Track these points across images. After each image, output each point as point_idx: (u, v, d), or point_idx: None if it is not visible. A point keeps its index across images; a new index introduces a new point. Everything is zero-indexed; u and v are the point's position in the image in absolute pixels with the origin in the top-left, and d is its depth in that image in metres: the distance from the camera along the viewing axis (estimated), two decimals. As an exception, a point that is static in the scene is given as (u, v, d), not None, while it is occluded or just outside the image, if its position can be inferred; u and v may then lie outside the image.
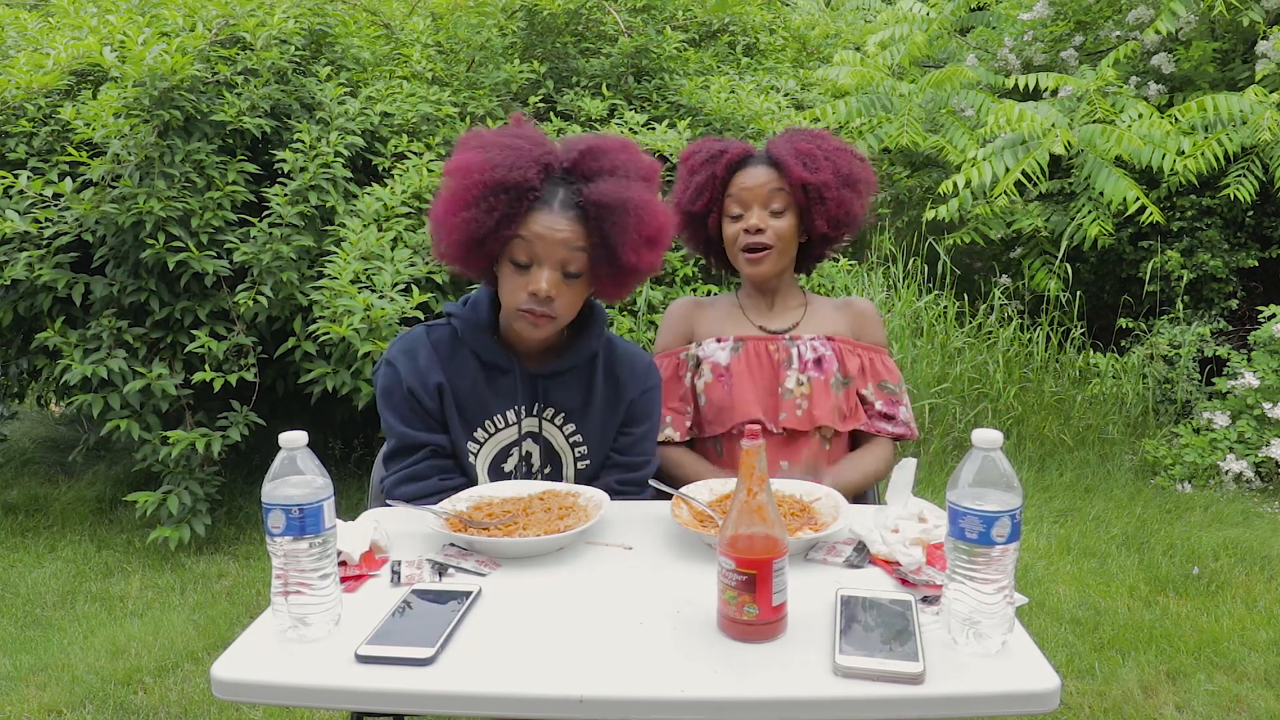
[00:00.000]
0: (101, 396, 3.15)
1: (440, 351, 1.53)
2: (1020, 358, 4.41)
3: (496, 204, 1.41)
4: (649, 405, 1.61)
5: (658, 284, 3.81)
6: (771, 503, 1.06)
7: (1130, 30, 4.88)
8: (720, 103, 4.12)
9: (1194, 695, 2.36)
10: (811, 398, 1.75)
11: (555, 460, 1.57)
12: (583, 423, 1.56)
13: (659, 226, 1.46)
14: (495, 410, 1.53)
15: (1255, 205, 4.43)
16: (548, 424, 1.55)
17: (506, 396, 1.53)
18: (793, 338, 1.79)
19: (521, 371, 1.52)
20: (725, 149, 1.76)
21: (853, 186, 1.75)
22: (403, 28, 4.23)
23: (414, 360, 1.51)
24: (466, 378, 1.52)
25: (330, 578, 1.08)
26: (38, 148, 3.50)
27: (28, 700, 2.39)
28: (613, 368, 1.59)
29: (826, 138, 1.79)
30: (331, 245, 3.24)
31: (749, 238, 1.74)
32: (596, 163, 1.46)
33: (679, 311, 1.88)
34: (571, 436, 1.57)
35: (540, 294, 1.42)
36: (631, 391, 1.58)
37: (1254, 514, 3.56)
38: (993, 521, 0.98)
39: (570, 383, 1.55)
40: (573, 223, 1.43)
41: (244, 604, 2.91)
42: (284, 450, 1.07)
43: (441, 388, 1.50)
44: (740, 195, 1.75)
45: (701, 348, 1.81)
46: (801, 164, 1.71)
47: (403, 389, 1.50)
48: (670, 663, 1.01)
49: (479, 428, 1.53)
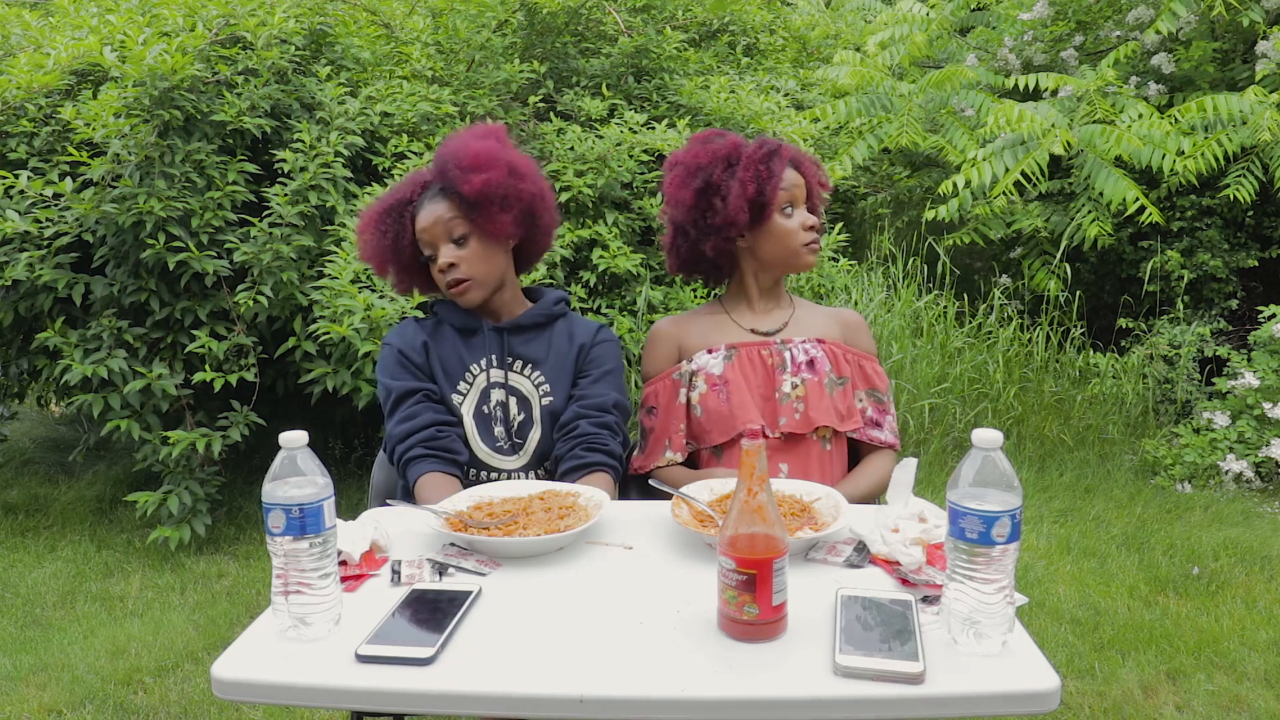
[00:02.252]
0: (101, 396, 3.15)
1: (424, 325, 1.79)
2: (1020, 358, 4.41)
3: (386, 227, 1.71)
4: (605, 353, 1.79)
5: (658, 284, 3.81)
6: (772, 503, 1.06)
7: (1130, 30, 4.88)
8: (720, 103, 4.12)
9: (1194, 695, 2.36)
10: (807, 399, 1.74)
11: (525, 404, 1.74)
12: (544, 368, 1.76)
13: (474, 153, 1.67)
14: (471, 362, 1.74)
15: (1255, 205, 4.43)
16: (515, 374, 1.75)
17: (479, 350, 1.75)
18: (784, 341, 1.79)
19: (489, 328, 1.75)
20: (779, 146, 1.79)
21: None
22: (403, 27, 4.23)
23: (403, 332, 1.77)
24: (447, 343, 1.76)
25: (330, 577, 1.08)
26: (38, 148, 3.50)
27: (28, 700, 2.39)
28: (570, 327, 1.82)
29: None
30: (331, 245, 3.24)
31: (810, 234, 1.78)
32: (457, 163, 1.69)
33: (662, 333, 1.87)
34: (537, 381, 1.75)
35: (443, 267, 1.69)
36: (583, 338, 1.79)
37: (1254, 514, 3.56)
38: (993, 521, 0.98)
39: (533, 337, 1.77)
40: (440, 201, 1.69)
41: (244, 604, 2.91)
42: (284, 450, 1.07)
43: (427, 345, 1.75)
44: (792, 192, 1.77)
45: (693, 361, 1.80)
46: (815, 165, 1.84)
47: (394, 351, 1.74)
48: (670, 663, 1.01)
49: (461, 380, 1.73)
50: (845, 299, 4.38)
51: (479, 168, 1.67)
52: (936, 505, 1.30)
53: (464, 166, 1.67)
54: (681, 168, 1.78)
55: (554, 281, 3.63)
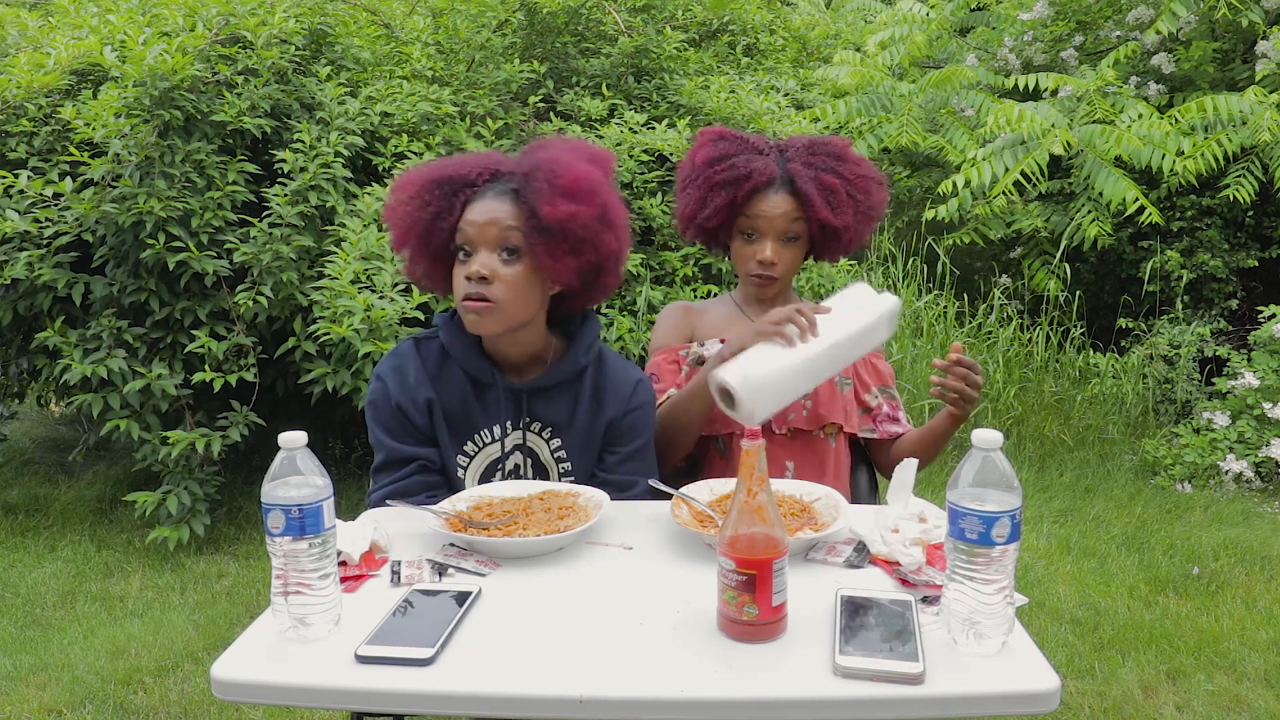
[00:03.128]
0: (101, 396, 3.15)
1: (429, 367, 1.52)
2: (1020, 358, 4.41)
3: (431, 198, 1.45)
4: (636, 424, 1.55)
5: (658, 284, 3.81)
6: (771, 503, 1.06)
7: (1130, 30, 4.88)
8: (720, 102, 4.12)
9: (1194, 695, 2.36)
10: (817, 396, 1.73)
11: (542, 473, 1.56)
12: (567, 438, 1.54)
13: (574, 178, 1.42)
14: (483, 425, 1.52)
15: (1255, 205, 4.43)
16: (533, 436, 1.53)
17: (493, 411, 1.52)
18: None
19: (504, 386, 1.50)
20: (750, 174, 1.66)
21: (868, 220, 1.73)
22: (403, 27, 4.23)
23: (403, 377, 1.51)
24: (455, 393, 1.51)
25: (330, 578, 1.08)
26: (38, 147, 3.50)
27: (28, 700, 2.39)
28: (600, 385, 1.55)
29: (848, 160, 1.71)
30: (331, 245, 3.24)
31: (762, 268, 1.71)
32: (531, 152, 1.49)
33: (676, 311, 1.85)
34: (556, 452, 1.55)
35: (474, 275, 1.40)
36: (614, 408, 1.54)
37: (1254, 514, 3.56)
38: (993, 522, 0.98)
39: (556, 397, 1.53)
40: (506, 204, 1.43)
41: (244, 604, 2.91)
42: (284, 450, 1.07)
43: (431, 404, 1.50)
44: (756, 222, 1.68)
45: (705, 347, 1.79)
46: (826, 202, 1.66)
47: (391, 404, 1.50)
48: (670, 663, 1.01)
49: (468, 441, 1.52)
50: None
51: (573, 195, 1.41)
52: (936, 505, 1.30)
53: (557, 185, 1.40)
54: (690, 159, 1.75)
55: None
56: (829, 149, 1.71)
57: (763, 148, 1.72)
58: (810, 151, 1.71)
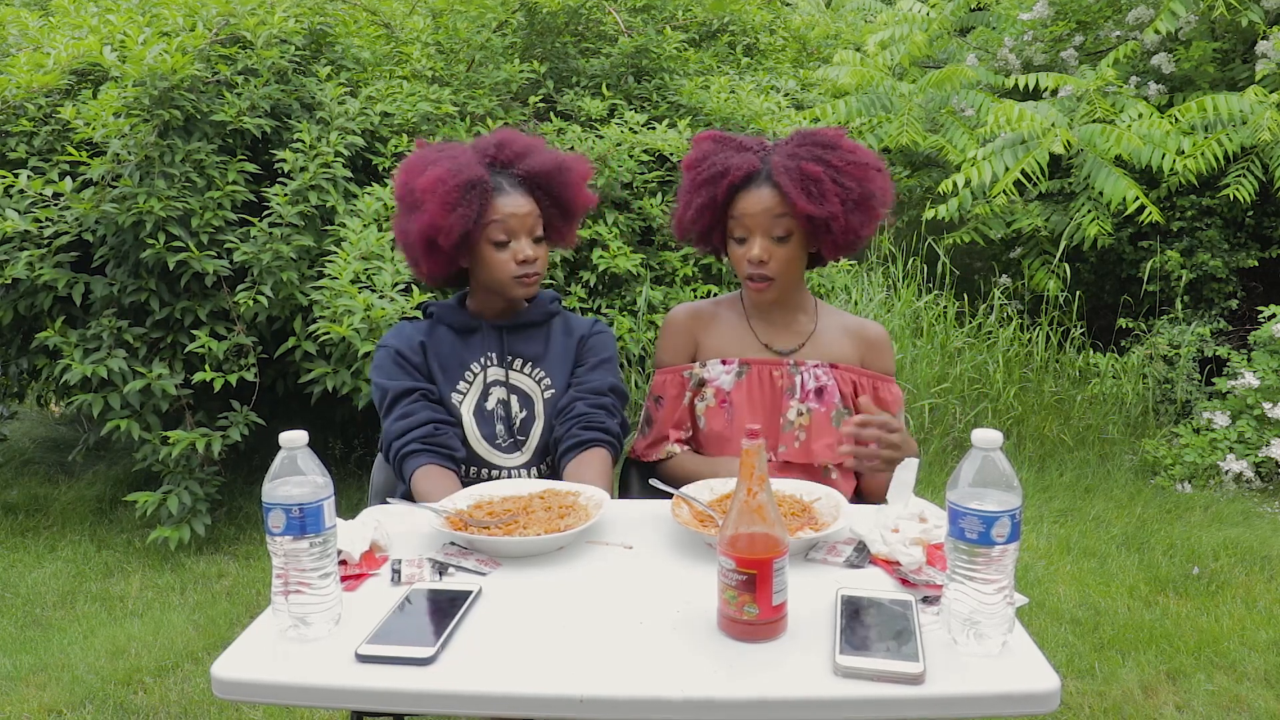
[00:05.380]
0: (101, 396, 3.15)
1: (420, 327, 1.81)
2: (1020, 358, 4.41)
3: (472, 198, 1.66)
4: (601, 343, 1.83)
5: (658, 284, 3.81)
6: (771, 502, 1.06)
7: (1130, 30, 4.88)
8: (720, 103, 4.12)
9: (1194, 695, 2.36)
10: (810, 430, 1.69)
11: (528, 400, 1.77)
12: (545, 363, 1.80)
13: (586, 170, 1.80)
14: (470, 360, 1.76)
15: (1255, 205, 4.43)
16: (515, 372, 1.77)
17: (478, 348, 1.77)
18: (797, 363, 1.74)
19: (488, 326, 1.77)
20: (727, 170, 1.64)
21: (863, 208, 1.64)
22: (402, 27, 4.23)
23: (399, 333, 1.79)
24: (444, 342, 1.78)
25: (330, 577, 1.08)
26: (38, 147, 3.50)
27: (28, 700, 2.39)
28: (565, 323, 1.86)
29: (838, 147, 1.65)
30: (331, 245, 3.24)
31: (753, 268, 1.67)
32: (513, 150, 1.75)
33: (680, 323, 1.81)
34: (538, 377, 1.79)
35: (529, 259, 1.71)
36: (580, 330, 1.84)
37: (1254, 514, 3.56)
38: (993, 521, 0.98)
39: (531, 335, 1.80)
40: (526, 197, 1.72)
41: (244, 604, 2.91)
42: (284, 450, 1.07)
43: (424, 345, 1.76)
44: (743, 220, 1.66)
45: (706, 369, 1.76)
46: (806, 193, 1.59)
47: (389, 353, 1.75)
48: (670, 663, 1.01)
49: (460, 380, 1.75)
50: (845, 299, 4.38)
51: (583, 184, 1.80)
52: (936, 505, 1.30)
53: (578, 180, 1.77)
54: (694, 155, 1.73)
55: (554, 282, 3.63)
56: (818, 138, 1.67)
57: (749, 145, 1.70)
58: (798, 143, 1.66)
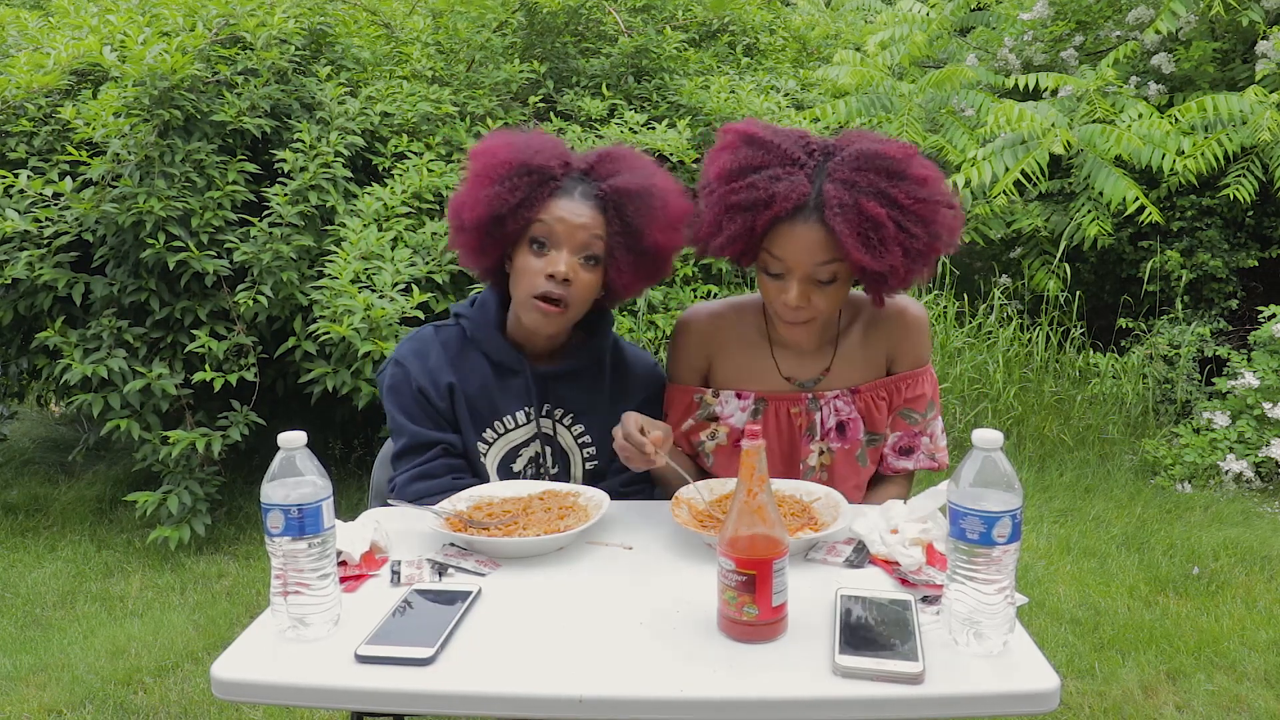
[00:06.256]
0: (101, 396, 3.15)
1: (449, 351, 1.54)
2: (1020, 358, 4.41)
3: (520, 184, 1.44)
4: (652, 410, 1.60)
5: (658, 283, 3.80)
6: (772, 503, 1.06)
7: (1130, 30, 4.88)
8: (720, 103, 4.11)
9: (1194, 695, 2.36)
10: (832, 471, 1.56)
11: (563, 460, 1.58)
12: (590, 423, 1.57)
13: (683, 210, 1.49)
14: (505, 410, 1.53)
15: (1255, 205, 4.42)
16: (557, 424, 1.56)
17: (516, 397, 1.53)
18: (817, 395, 1.56)
19: (532, 371, 1.53)
20: (771, 200, 1.34)
21: (929, 255, 1.38)
22: (402, 27, 4.23)
23: (424, 360, 1.52)
24: (476, 378, 1.53)
25: (329, 578, 1.08)
26: (38, 147, 3.50)
27: (28, 700, 2.39)
28: (620, 370, 1.61)
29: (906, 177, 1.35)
30: (331, 245, 3.24)
31: (787, 311, 1.41)
32: (613, 164, 1.51)
33: (696, 334, 1.58)
34: (580, 437, 1.58)
35: (559, 275, 1.42)
36: (636, 394, 1.60)
37: (1254, 514, 3.56)
38: (994, 522, 0.98)
39: (578, 383, 1.57)
40: (593, 210, 1.46)
41: (244, 604, 2.91)
42: (283, 450, 1.07)
43: (453, 388, 1.51)
44: (783, 257, 1.38)
45: (720, 401, 1.58)
46: (863, 241, 1.32)
47: (412, 388, 1.51)
48: (670, 663, 1.01)
49: (489, 428, 1.54)
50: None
51: (675, 227, 1.48)
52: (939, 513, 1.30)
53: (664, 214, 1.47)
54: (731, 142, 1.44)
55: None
56: (883, 163, 1.35)
57: (797, 155, 1.38)
58: (857, 165, 1.35)
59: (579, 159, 1.53)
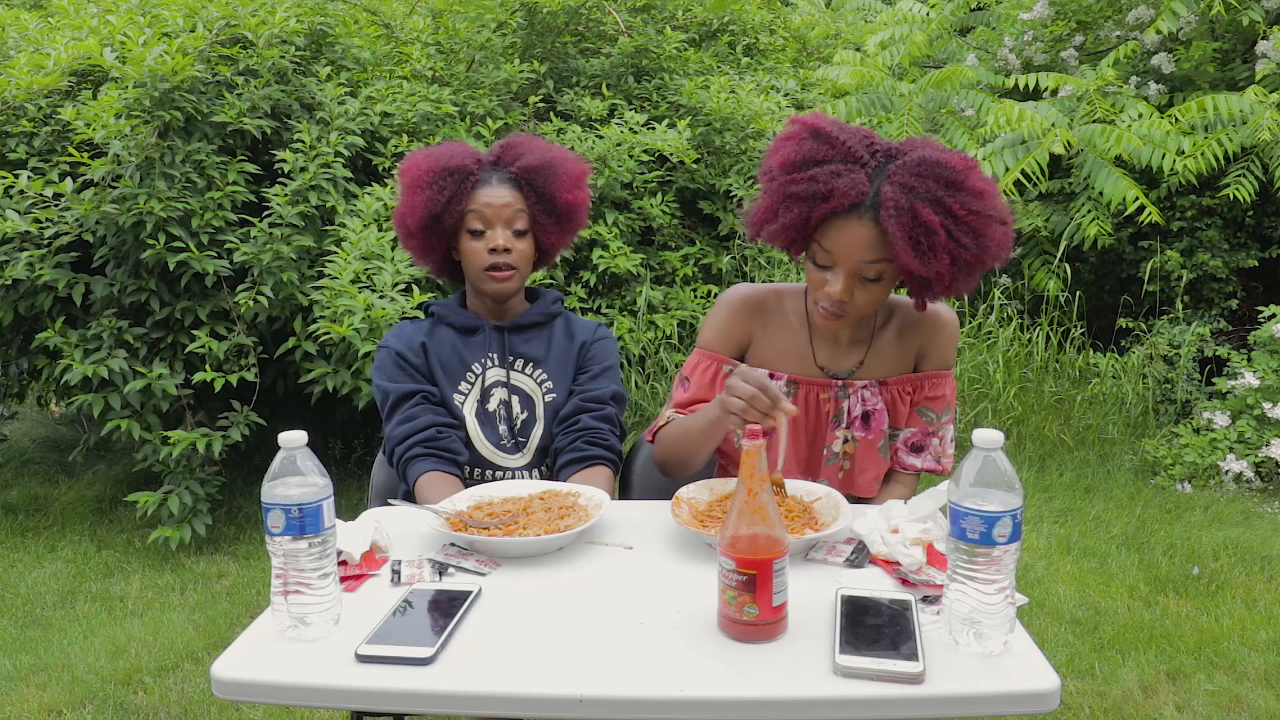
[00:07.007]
0: (102, 396, 3.15)
1: (421, 327, 1.80)
2: (1020, 358, 4.41)
3: (445, 184, 1.69)
4: (604, 350, 1.83)
5: (658, 284, 3.81)
6: (772, 503, 1.06)
7: (1130, 30, 4.88)
8: (720, 103, 4.12)
9: (1194, 695, 2.36)
10: (855, 460, 1.60)
11: (528, 402, 1.77)
12: (547, 366, 1.79)
13: (581, 170, 1.79)
14: (472, 361, 1.76)
15: (1255, 205, 4.42)
16: (516, 373, 1.77)
17: (480, 348, 1.76)
18: (847, 384, 1.59)
19: (490, 327, 1.77)
20: (830, 194, 1.37)
21: (976, 266, 1.41)
22: (402, 27, 4.23)
23: (400, 333, 1.78)
24: (446, 343, 1.77)
25: (330, 577, 1.08)
26: (38, 148, 3.51)
27: (28, 700, 2.39)
28: (568, 325, 1.86)
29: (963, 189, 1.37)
30: (331, 245, 3.24)
31: (829, 302, 1.45)
32: (516, 149, 1.76)
33: (739, 309, 1.61)
34: (539, 379, 1.79)
35: (499, 247, 1.70)
36: (583, 335, 1.83)
37: (1254, 514, 3.56)
38: (994, 522, 0.98)
39: (533, 336, 1.80)
40: (511, 190, 1.72)
41: (244, 604, 2.91)
42: (284, 450, 1.07)
43: (425, 346, 1.75)
44: (833, 250, 1.41)
45: None
46: (914, 245, 1.35)
47: (390, 354, 1.75)
48: (670, 663, 1.01)
49: (461, 380, 1.75)
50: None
51: (578, 186, 1.78)
52: (939, 513, 1.30)
53: (566, 178, 1.74)
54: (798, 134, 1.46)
55: (554, 281, 3.63)
56: (943, 172, 1.37)
57: (859, 154, 1.40)
58: (918, 171, 1.37)
59: (487, 154, 1.77)
